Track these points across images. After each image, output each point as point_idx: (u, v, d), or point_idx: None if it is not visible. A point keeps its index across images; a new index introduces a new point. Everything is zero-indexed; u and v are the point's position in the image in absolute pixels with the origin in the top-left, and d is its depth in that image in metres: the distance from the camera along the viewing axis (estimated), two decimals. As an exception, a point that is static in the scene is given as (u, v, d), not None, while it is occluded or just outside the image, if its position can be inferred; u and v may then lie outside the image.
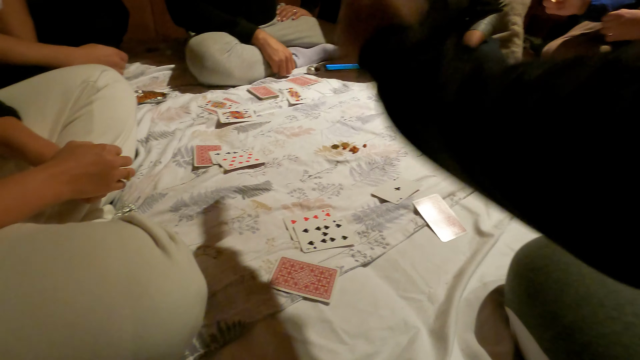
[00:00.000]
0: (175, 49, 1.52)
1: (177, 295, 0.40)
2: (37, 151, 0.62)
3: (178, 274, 0.41)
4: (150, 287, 0.38)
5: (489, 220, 0.76)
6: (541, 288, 0.48)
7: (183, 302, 0.40)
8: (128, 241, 0.41)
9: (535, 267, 0.50)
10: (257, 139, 0.98)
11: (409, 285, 0.62)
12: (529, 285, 0.50)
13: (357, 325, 0.54)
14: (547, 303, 0.47)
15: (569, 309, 0.45)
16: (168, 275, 0.40)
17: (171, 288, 0.40)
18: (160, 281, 0.39)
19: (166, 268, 0.40)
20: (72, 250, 0.39)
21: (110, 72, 0.79)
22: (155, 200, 0.75)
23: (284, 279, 0.59)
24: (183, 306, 0.40)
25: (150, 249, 0.41)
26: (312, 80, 1.36)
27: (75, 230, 0.42)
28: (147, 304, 0.37)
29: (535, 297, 0.48)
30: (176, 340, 0.40)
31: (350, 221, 0.73)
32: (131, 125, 0.80)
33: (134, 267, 0.39)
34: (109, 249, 0.39)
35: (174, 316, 0.39)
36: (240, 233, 0.68)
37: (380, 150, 0.96)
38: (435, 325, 0.56)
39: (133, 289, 0.37)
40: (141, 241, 0.42)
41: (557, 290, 0.47)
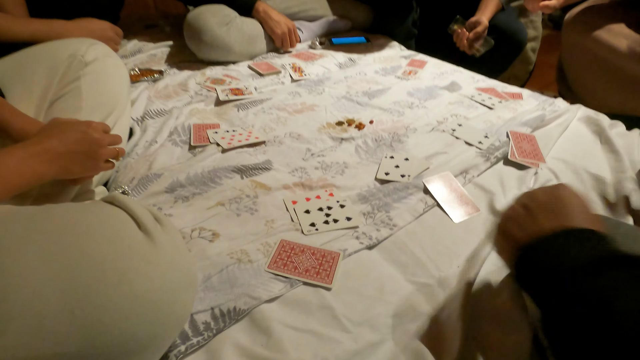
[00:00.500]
0: (174, 25, 1.46)
1: (160, 281, 0.36)
2: (21, 129, 0.59)
3: (162, 258, 0.38)
4: (130, 273, 0.35)
5: (505, 199, 0.70)
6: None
7: (167, 288, 0.37)
8: (107, 223, 0.38)
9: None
10: (258, 116, 0.93)
11: (417, 269, 0.58)
12: None
13: (361, 312, 0.50)
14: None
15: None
16: (150, 260, 0.36)
17: (153, 274, 0.36)
18: (141, 266, 0.36)
19: (148, 252, 0.37)
20: (46, 233, 0.35)
21: (100, 46, 0.75)
22: (150, 181, 0.72)
23: (283, 262, 0.56)
24: (167, 293, 0.37)
25: (131, 232, 0.38)
26: (317, 55, 1.29)
27: (50, 212, 0.38)
28: (125, 291, 0.34)
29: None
30: (160, 330, 0.37)
31: (354, 201, 0.69)
32: (124, 102, 0.76)
33: (111, 252, 0.35)
34: (85, 232, 0.36)
35: (156, 304, 0.36)
36: (238, 215, 0.64)
37: (387, 127, 0.91)
38: (445, 313, 0.52)
39: (110, 275, 0.34)
40: (121, 223, 0.38)
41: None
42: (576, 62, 1.25)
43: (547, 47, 1.78)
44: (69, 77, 0.68)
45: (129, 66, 1.13)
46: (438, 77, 1.18)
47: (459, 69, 1.24)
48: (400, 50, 1.39)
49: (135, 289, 0.34)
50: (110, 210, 0.40)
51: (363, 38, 1.44)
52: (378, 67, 1.23)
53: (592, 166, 0.81)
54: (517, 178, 0.76)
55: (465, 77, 1.19)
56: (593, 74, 1.22)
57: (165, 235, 0.40)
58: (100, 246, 0.35)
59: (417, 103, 1.02)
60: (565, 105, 1.02)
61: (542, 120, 0.93)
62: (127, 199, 0.41)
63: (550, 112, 0.98)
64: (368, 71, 1.20)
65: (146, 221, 0.39)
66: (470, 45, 1.27)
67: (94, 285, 0.33)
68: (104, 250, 0.35)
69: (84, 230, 0.36)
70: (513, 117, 0.96)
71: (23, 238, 0.34)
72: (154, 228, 0.40)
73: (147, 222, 0.39)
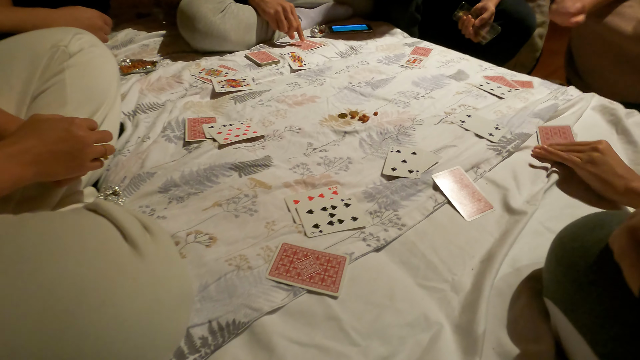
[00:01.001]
0: (168, 13, 1.40)
1: (148, 299, 0.32)
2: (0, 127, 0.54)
3: (150, 273, 0.34)
4: (114, 293, 0.31)
5: (520, 195, 0.66)
6: (595, 279, 0.39)
7: (157, 307, 0.33)
8: (88, 237, 0.34)
9: (587, 253, 0.41)
10: (256, 109, 0.89)
11: (429, 273, 0.54)
12: (578, 275, 0.41)
13: (370, 323, 0.47)
14: (604, 298, 0.38)
15: (632, 308, 0.36)
16: (137, 276, 0.33)
17: (140, 292, 0.32)
18: (126, 285, 0.32)
19: (134, 268, 0.33)
20: (20, 250, 0.31)
21: (86, 36, 0.70)
22: (143, 180, 0.67)
23: (285, 269, 0.52)
24: (157, 312, 0.33)
25: (116, 246, 0.34)
26: (317, 43, 1.24)
27: (26, 225, 0.34)
28: (109, 315, 0.30)
29: (587, 291, 0.40)
30: (151, 354, 0.33)
31: (360, 199, 0.65)
32: (113, 96, 0.71)
33: (93, 270, 0.31)
34: (64, 248, 0.32)
35: (145, 326, 0.32)
36: (237, 216, 0.60)
37: (393, 119, 0.86)
38: (461, 320, 0.48)
39: (91, 297, 0.30)
40: (105, 236, 0.34)
41: (615, 282, 0.38)
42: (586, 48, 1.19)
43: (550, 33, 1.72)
44: (52, 70, 0.63)
45: (120, 57, 1.08)
46: (444, 66, 1.13)
47: (465, 57, 1.19)
48: (403, 38, 1.33)
49: (120, 312, 0.30)
50: (93, 220, 0.36)
51: (364, 25, 1.38)
52: (381, 55, 1.18)
53: (610, 158, 0.77)
54: (531, 172, 0.71)
55: (472, 65, 1.14)
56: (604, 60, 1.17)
57: (154, 246, 0.36)
58: (80, 264, 0.31)
59: (423, 93, 0.97)
60: (578, 93, 0.98)
61: (555, 111, 0.89)
62: (112, 206, 0.37)
63: (563, 101, 0.93)
64: (371, 60, 1.15)
65: (133, 231, 0.35)
66: (476, 32, 1.22)
67: (74, 309, 0.29)
68: (85, 268, 0.31)
69: (63, 245, 0.32)
70: (524, 107, 0.91)
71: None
72: (142, 239, 0.36)
73: (134, 232, 0.35)
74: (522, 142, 0.79)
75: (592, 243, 0.41)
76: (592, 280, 0.39)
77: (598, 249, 0.40)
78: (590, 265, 0.40)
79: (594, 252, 0.40)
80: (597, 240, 0.41)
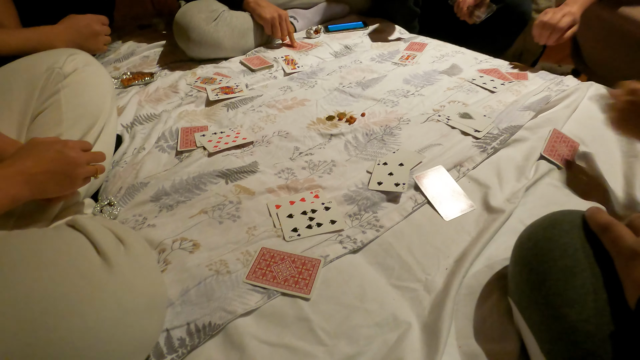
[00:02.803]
0: (168, 23, 1.44)
1: (116, 309, 0.36)
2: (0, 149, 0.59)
3: (118, 283, 0.37)
4: (82, 303, 0.34)
5: (501, 193, 0.67)
6: (544, 278, 0.40)
7: (123, 316, 0.36)
8: (62, 252, 0.37)
9: (539, 252, 0.42)
10: (247, 115, 0.92)
11: (403, 273, 0.56)
12: (531, 274, 0.42)
13: (339, 323, 0.49)
14: (550, 296, 0.39)
15: (573, 305, 0.37)
16: (104, 287, 0.36)
17: (108, 302, 0.35)
18: (94, 295, 0.35)
19: (103, 279, 0.36)
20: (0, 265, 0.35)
21: (80, 56, 0.74)
22: (137, 190, 0.72)
23: (262, 272, 0.54)
24: (124, 321, 0.36)
25: (87, 259, 0.37)
26: (311, 44, 1.25)
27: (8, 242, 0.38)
28: (76, 324, 0.33)
29: (537, 289, 0.41)
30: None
31: (340, 202, 0.66)
32: (108, 111, 0.75)
33: (63, 282, 0.35)
34: (38, 264, 0.36)
35: (112, 334, 0.35)
36: (220, 222, 0.63)
37: (379, 119, 0.87)
38: (429, 319, 0.50)
39: (60, 308, 0.33)
40: (77, 250, 0.38)
41: (562, 281, 0.39)
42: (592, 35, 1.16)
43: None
44: (49, 91, 0.67)
45: (122, 70, 1.13)
46: (438, 61, 1.12)
47: (461, 50, 1.18)
48: (399, 34, 1.32)
49: (87, 320, 0.34)
50: (69, 236, 0.39)
51: (361, 23, 1.38)
52: (375, 53, 1.18)
53: (602, 151, 0.75)
54: (516, 169, 0.71)
55: (467, 58, 1.13)
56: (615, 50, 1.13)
57: (126, 258, 0.40)
58: (52, 277, 0.35)
59: (413, 91, 0.97)
60: (575, 83, 0.96)
61: (546, 103, 0.87)
62: (88, 221, 0.41)
63: (557, 92, 0.91)
64: (364, 59, 1.16)
65: (105, 244, 0.39)
66: (471, 13, 1.19)
67: (43, 319, 0.32)
68: (56, 281, 0.34)
69: (38, 261, 0.36)
70: (515, 100, 0.90)
71: None
72: (114, 251, 0.39)
73: (106, 245, 0.39)
74: (510, 135, 0.78)
75: (543, 242, 0.41)
76: (542, 280, 0.40)
77: (548, 248, 0.41)
78: (540, 264, 0.40)
79: (544, 251, 0.41)
80: (547, 239, 0.41)
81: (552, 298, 0.39)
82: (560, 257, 0.40)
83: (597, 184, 0.68)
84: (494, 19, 1.16)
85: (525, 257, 0.43)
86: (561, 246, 0.41)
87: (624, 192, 0.68)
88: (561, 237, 0.42)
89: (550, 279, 0.40)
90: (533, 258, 0.42)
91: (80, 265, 0.36)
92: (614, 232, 0.39)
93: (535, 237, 0.43)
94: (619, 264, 0.37)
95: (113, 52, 1.22)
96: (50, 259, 0.36)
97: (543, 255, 0.42)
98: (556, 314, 0.38)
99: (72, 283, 0.35)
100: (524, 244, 0.44)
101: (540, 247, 0.42)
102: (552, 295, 0.39)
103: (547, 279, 0.40)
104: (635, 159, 0.73)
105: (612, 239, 0.38)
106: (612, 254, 0.38)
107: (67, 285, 0.35)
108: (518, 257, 0.45)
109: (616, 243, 0.38)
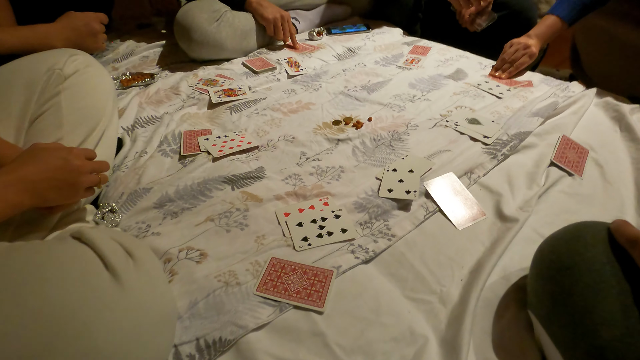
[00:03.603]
0: (168, 22, 1.41)
1: (128, 329, 0.34)
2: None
3: (129, 302, 0.35)
4: (92, 323, 0.32)
5: (514, 201, 0.66)
6: (569, 293, 0.39)
7: (135, 335, 0.34)
8: (69, 268, 0.35)
9: (563, 266, 0.41)
10: (251, 118, 0.90)
11: (417, 284, 0.54)
12: (554, 289, 0.41)
13: (354, 338, 0.47)
14: (577, 313, 0.38)
15: (603, 324, 0.36)
16: (115, 306, 0.34)
17: (119, 322, 0.34)
18: (105, 315, 0.33)
19: (113, 297, 0.34)
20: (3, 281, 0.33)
21: (80, 57, 0.72)
22: (139, 196, 0.69)
23: (272, 284, 0.53)
24: (136, 340, 0.34)
25: (96, 275, 0.35)
26: (314, 46, 1.24)
27: (11, 255, 0.36)
28: (86, 345, 0.31)
29: (562, 304, 0.40)
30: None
31: (351, 210, 0.65)
32: (110, 113, 0.73)
33: (72, 301, 0.33)
34: (45, 278, 0.34)
35: (123, 355, 0.33)
36: (228, 231, 0.62)
37: (387, 124, 0.86)
38: (447, 334, 0.48)
39: (69, 328, 0.31)
40: (85, 266, 0.36)
41: (589, 297, 0.38)
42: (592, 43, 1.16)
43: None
44: (48, 93, 0.65)
45: (121, 70, 1.10)
46: (442, 65, 1.11)
47: (465, 54, 1.17)
48: (402, 37, 1.31)
49: (97, 342, 0.32)
50: (75, 249, 0.37)
51: (363, 26, 1.37)
52: (378, 56, 1.17)
53: (611, 158, 0.75)
54: (527, 176, 0.70)
55: (472, 63, 1.12)
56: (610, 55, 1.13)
57: (136, 272, 0.38)
58: (59, 296, 0.32)
59: (420, 95, 0.96)
60: (580, 89, 0.95)
61: (554, 109, 0.87)
62: (96, 233, 0.39)
63: (564, 98, 0.91)
64: (368, 62, 1.14)
65: (114, 259, 0.37)
66: (473, 21, 1.19)
67: (52, 340, 0.30)
68: (64, 299, 0.32)
69: (43, 277, 0.33)
70: (523, 106, 0.89)
71: None
72: (123, 266, 0.37)
73: (115, 260, 0.37)
74: (519, 142, 0.77)
75: (568, 256, 0.40)
76: (567, 295, 0.38)
77: (573, 262, 0.39)
78: (565, 279, 0.39)
79: (569, 265, 0.40)
80: (572, 253, 0.40)
81: (579, 315, 0.37)
82: (587, 271, 0.39)
83: None
84: (500, 24, 1.16)
85: (548, 271, 0.42)
86: (587, 260, 0.40)
87: (635, 199, 0.67)
88: (587, 251, 0.41)
89: (577, 294, 0.38)
90: (557, 272, 0.41)
91: (89, 282, 0.34)
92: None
93: (559, 250, 0.42)
94: None
95: (111, 52, 1.19)
96: (56, 276, 0.34)
97: (568, 269, 0.40)
98: (585, 331, 0.36)
99: (80, 302, 0.33)
100: (546, 257, 0.43)
101: (563, 261, 0.41)
102: (580, 312, 0.38)
103: (573, 294, 0.39)
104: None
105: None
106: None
107: (76, 303, 0.32)
108: (540, 270, 0.44)
109: None
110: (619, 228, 0.40)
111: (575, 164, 0.73)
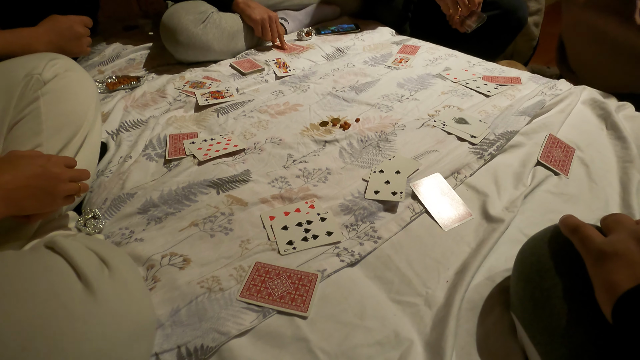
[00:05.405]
0: (155, 24, 1.40)
1: (100, 339, 0.33)
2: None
3: (102, 313, 0.34)
4: (63, 338, 0.31)
5: (500, 201, 0.65)
6: (548, 295, 0.39)
7: (109, 348, 0.34)
8: (41, 279, 0.34)
9: (542, 268, 0.41)
10: (238, 120, 0.89)
11: (402, 287, 0.54)
12: (534, 291, 0.41)
13: (338, 343, 0.47)
14: (555, 315, 0.38)
15: (579, 326, 0.36)
16: (88, 318, 0.33)
17: (91, 333, 0.33)
18: (76, 328, 0.32)
19: (85, 309, 0.33)
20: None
21: (61, 61, 0.70)
22: (123, 201, 0.68)
23: (256, 289, 0.52)
24: (109, 351, 0.34)
25: (68, 287, 0.34)
26: (302, 47, 1.23)
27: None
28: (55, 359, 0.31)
29: (542, 307, 0.39)
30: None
31: (337, 212, 0.64)
32: (92, 119, 0.71)
33: (42, 314, 0.32)
34: (13, 292, 0.33)
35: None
36: (212, 235, 0.61)
37: (374, 125, 0.85)
38: (431, 336, 0.48)
39: (39, 342, 0.31)
40: (57, 277, 0.35)
41: (567, 299, 0.37)
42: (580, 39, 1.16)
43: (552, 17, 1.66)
44: (27, 99, 0.64)
45: (107, 73, 1.09)
46: (431, 64, 1.11)
47: (454, 53, 1.17)
48: (391, 36, 1.31)
49: (67, 356, 0.31)
50: (47, 260, 0.36)
51: (352, 25, 1.37)
52: (367, 56, 1.17)
53: (597, 156, 0.75)
54: (513, 176, 0.70)
55: (460, 61, 1.12)
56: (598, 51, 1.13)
57: (111, 282, 0.37)
58: (29, 308, 0.32)
59: (408, 95, 0.96)
60: (568, 87, 0.95)
61: (541, 107, 0.87)
62: (69, 243, 0.38)
63: (551, 96, 0.91)
64: (357, 62, 1.14)
65: (88, 269, 0.36)
66: (463, 21, 1.19)
67: (18, 356, 0.30)
68: (33, 312, 0.32)
69: (12, 288, 0.33)
70: (510, 105, 0.89)
71: None
72: (97, 276, 0.36)
73: (88, 270, 0.36)
74: (506, 141, 0.77)
75: (546, 257, 0.40)
76: (546, 297, 0.38)
77: (550, 264, 0.39)
78: (544, 281, 0.39)
79: (547, 267, 0.39)
80: (550, 254, 0.40)
81: (556, 317, 0.37)
82: (565, 274, 0.39)
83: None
84: (491, 24, 1.16)
85: (528, 273, 0.42)
86: (565, 262, 0.40)
87: (619, 198, 0.68)
88: (565, 253, 0.40)
89: (555, 297, 0.38)
90: (536, 274, 0.41)
91: (59, 294, 0.33)
92: (581, 233, 0.38)
93: (539, 252, 0.42)
94: (588, 265, 0.36)
95: (97, 55, 1.18)
96: (26, 288, 0.33)
97: (547, 271, 0.40)
98: (563, 333, 0.36)
99: (51, 314, 0.32)
100: (527, 259, 0.43)
101: (543, 263, 0.41)
102: (557, 314, 0.37)
103: (552, 296, 0.38)
104: (630, 164, 0.73)
105: (581, 240, 0.38)
106: (582, 256, 0.37)
107: (46, 317, 0.32)
108: (521, 271, 0.44)
109: (584, 244, 0.37)
110: (563, 220, 0.40)
111: (562, 163, 0.73)
